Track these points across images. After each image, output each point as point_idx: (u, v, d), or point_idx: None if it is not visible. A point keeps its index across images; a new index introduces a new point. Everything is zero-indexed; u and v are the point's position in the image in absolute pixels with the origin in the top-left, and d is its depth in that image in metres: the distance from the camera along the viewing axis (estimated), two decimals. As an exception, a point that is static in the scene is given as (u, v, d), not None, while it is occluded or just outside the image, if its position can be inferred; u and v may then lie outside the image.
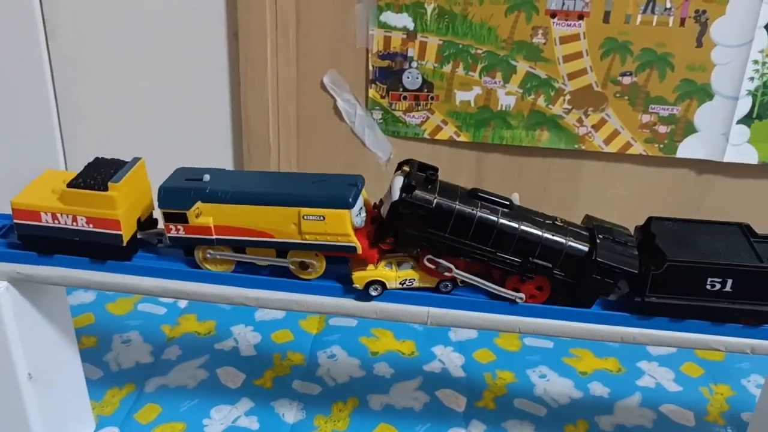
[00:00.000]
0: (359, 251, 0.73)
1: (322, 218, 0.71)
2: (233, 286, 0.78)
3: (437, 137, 1.23)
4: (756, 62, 1.11)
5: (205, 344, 1.19)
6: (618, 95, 1.16)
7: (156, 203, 0.75)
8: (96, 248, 0.77)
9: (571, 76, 1.16)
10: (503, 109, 1.19)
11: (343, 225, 0.72)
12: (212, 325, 1.23)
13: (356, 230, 0.73)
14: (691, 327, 0.72)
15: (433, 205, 0.70)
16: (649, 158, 1.20)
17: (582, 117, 1.18)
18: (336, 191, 0.72)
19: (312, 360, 1.16)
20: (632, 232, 0.77)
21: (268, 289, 0.78)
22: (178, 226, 0.75)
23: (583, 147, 1.20)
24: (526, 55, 1.15)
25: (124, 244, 0.76)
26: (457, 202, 0.71)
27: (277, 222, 0.73)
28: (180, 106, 1.24)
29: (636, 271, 0.71)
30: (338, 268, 0.77)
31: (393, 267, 0.75)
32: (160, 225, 0.79)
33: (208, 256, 0.77)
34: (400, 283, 0.75)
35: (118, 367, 1.12)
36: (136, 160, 0.79)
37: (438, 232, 0.71)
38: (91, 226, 0.75)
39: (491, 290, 0.74)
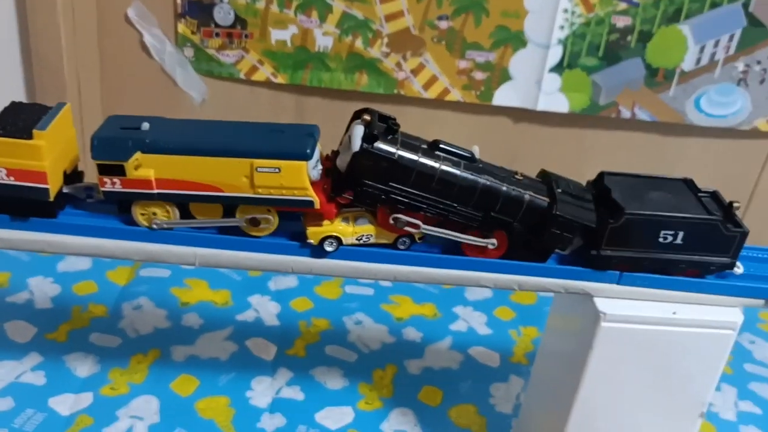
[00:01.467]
0: (317, 206, 0.69)
1: (277, 170, 0.66)
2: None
3: (254, 78, 1.17)
4: (566, 11, 1.12)
5: (-5, 298, 1.09)
6: (435, 40, 1.15)
7: (91, 154, 0.66)
8: (17, 204, 0.67)
9: (389, 18, 1.13)
10: (321, 50, 1.15)
11: (300, 178, 0.67)
12: (5, 277, 1.13)
13: (312, 183, 0.68)
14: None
15: (396, 157, 0.67)
16: (467, 105, 1.20)
17: (401, 61, 1.16)
18: (292, 142, 0.67)
19: (115, 312, 1.10)
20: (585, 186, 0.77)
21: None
22: (114, 180, 0.67)
23: (403, 92, 1.18)
24: (343, -6, 1.11)
25: (51, 199, 0.67)
26: (420, 155, 0.68)
27: (227, 175, 0.67)
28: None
29: (594, 225, 0.71)
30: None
31: (350, 222, 0.71)
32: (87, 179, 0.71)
33: (155, 226, 0.69)
34: (356, 239, 0.71)
35: None
36: (61, 105, 0.70)
37: (399, 185, 0.68)
38: (12, 179, 0.66)
39: (459, 240, 0.71)
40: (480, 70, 1.17)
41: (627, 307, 0.72)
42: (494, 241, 0.72)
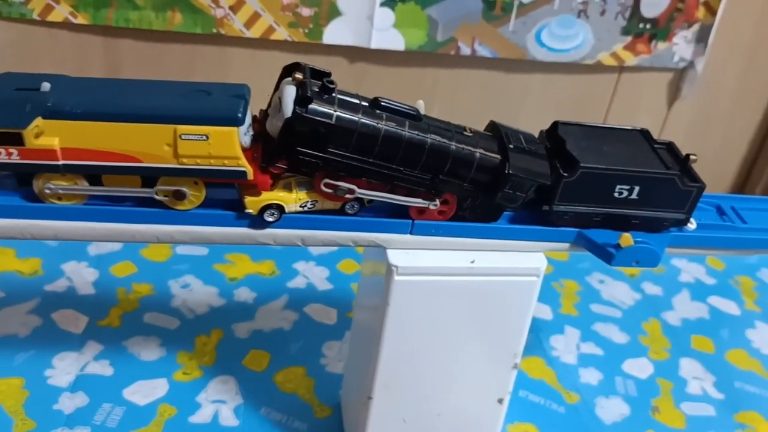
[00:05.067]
0: (250, 176, 0.61)
1: (204, 138, 0.59)
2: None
3: (50, 18, 1.04)
4: (393, -62, 1.04)
5: None
6: (253, -28, 1.04)
7: None
8: None
9: (198, -53, 1.02)
10: (124, -15, 1.03)
11: (231, 146, 0.60)
12: None
13: (244, 151, 0.61)
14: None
15: (334, 120, 0.60)
16: (296, 44, 1.11)
17: (217, -3, 1.05)
18: (221, 104, 0.60)
19: None
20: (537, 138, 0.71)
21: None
22: (11, 150, 0.58)
23: (223, 31, 1.08)
24: None
25: None
26: (360, 115, 0.61)
27: (146, 143, 0.59)
28: None
29: (549, 183, 0.67)
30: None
31: (292, 188, 0.63)
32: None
33: (60, 191, 0.60)
34: (300, 206, 0.64)
35: None
36: None
37: (339, 150, 0.61)
38: None
39: (402, 203, 0.65)
40: (306, 6, 1.07)
41: (422, 259, 0.66)
42: (436, 202, 0.66)
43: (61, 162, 0.59)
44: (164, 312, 1.01)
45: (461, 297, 0.68)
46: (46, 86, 0.59)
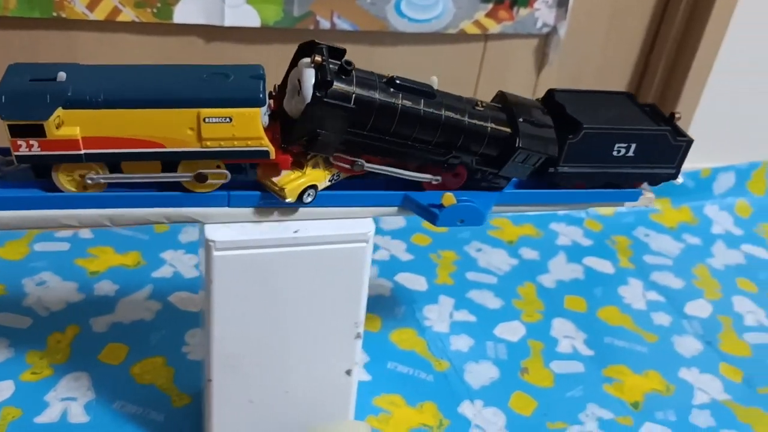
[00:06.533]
0: (272, 156, 0.62)
1: (228, 120, 0.59)
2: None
3: None
4: None
5: None
6: (89, -50, 0.99)
7: None
8: None
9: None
10: (-55, -31, 0.96)
11: (254, 127, 0.60)
12: None
13: (264, 130, 0.61)
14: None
15: (353, 102, 0.61)
16: (146, 25, 1.07)
17: (53, -22, 1.00)
18: (242, 86, 0.60)
19: None
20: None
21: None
22: (32, 142, 0.57)
23: (64, 14, 1.02)
24: None
25: None
26: (378, 93, 0.62)
27: (169, 128, 0.59)
28: None
29: (556, 155, 0.70)
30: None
31: (320, 164, 0.65)
32: None
33: (88, 181, 0.60)
34: (329, 180, 0.66)
35: None
36: None
37: (357, 129, 0.63)
38: None
39: (409, 178, 0.68)
40: (151, -16, 1.03)
41: (242, 232, 0.64)
42: (438, 177, 0.69)
43: (83, 151, 0.59)
44: (15, 311, 0.96)
45: (288, 268, 0.66)
46: (62, 76, 0.58)
